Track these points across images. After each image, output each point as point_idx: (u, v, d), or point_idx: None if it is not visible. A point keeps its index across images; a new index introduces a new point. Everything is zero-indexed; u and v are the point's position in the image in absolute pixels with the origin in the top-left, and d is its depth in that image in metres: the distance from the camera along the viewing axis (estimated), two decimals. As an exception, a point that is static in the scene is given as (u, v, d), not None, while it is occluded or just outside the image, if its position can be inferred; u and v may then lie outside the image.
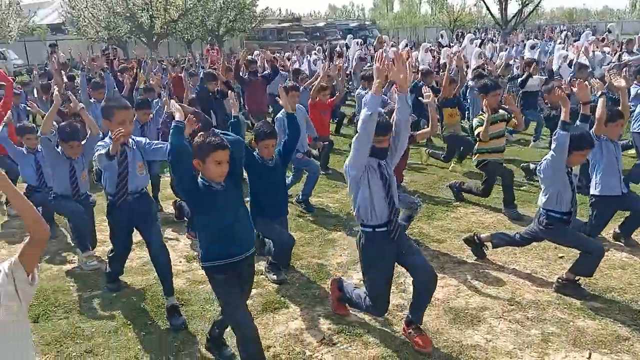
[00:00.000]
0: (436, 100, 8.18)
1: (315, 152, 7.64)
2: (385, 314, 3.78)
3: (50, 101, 6.72)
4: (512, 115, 6.18)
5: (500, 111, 6.18)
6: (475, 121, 6.18)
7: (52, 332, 3.87)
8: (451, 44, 20.54)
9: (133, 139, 4.08)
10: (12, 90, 7.60)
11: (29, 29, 30.35)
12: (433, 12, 58.89)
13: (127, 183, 4.00)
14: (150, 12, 25.70)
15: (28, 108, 9.02)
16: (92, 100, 7.57)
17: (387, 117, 3.53)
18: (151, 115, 6.54)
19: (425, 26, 47.90)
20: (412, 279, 3.59)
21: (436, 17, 51.54)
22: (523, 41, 19.93)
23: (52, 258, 5.20)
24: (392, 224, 3.49)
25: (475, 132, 6.07)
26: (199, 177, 3.15)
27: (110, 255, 4.37)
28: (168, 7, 25.88)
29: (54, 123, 5.41)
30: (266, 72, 9.86)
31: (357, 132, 3.32)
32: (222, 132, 3.34)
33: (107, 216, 4.17)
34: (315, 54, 17.20)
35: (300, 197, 6.43)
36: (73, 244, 5.41)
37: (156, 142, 4.23)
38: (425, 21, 53.60)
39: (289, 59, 14.88)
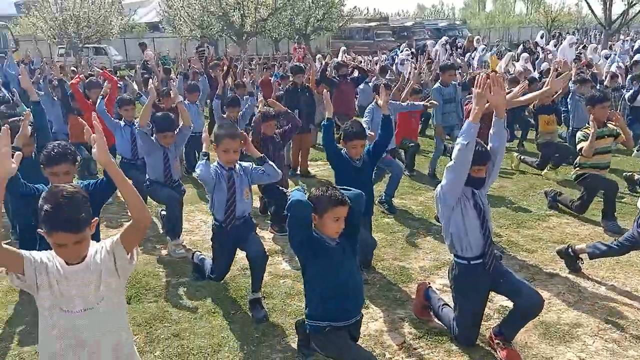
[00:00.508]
0: (532, 107, 7.82)
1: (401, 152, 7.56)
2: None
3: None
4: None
5: (609, 125, 5.69)
6: (579, 134, 5.73)
7: (143, 314, 4.05)
8: (547, 45, 19.64)
9: (240, 165, 4.08)
10: (117, 86, 8.10)
11: (129, 27, 32.16)
12: (529, 11, 56.39)
13: (235, 209, 4.00)
14: (242, 11, 26.46)
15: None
16: (186, 101, 7.92)
17: (485, 146, 3.34)
18: (240, 112, 6.74)
19: (520, 26, 45.84)
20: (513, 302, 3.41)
21: (532, 16, 49.25)
22: (632, 39, 18.67)
23: (144, 244, 5.45)
24: (488, 255, 3.33)
25: (578, 147, 5.66)
26: (313, 231, 3.03)
27: (213, 276, 4.35)
28: (259, 6, 26.54)
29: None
30: (354, 75, 9.86)
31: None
32: (343, 187, 3.14)
33: (213, 238, 4.19)
34: (401, 53, 17.08)
35: (383, 197, 6.36)
36: (162, 231, 5.67)
37: (262, 168, 4.15)
38: (520, 21, 51.27)
39: (376, 63, 14.81)
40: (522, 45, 19.16)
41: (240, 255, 4.35)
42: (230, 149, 3.94)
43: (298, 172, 7.98)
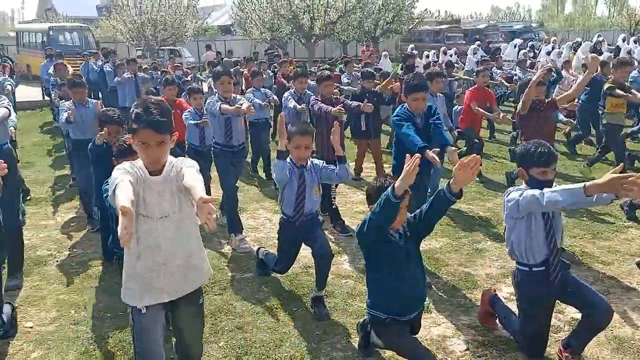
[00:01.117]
0: (606, 89, 7.35)
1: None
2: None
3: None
4: None
5: None
6: None
7: (209, 306, 4.16)
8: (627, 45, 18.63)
9: (311, 162, 4.07)
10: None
11: (202, 30, 33.17)
12: (611, 13, 53.51)
13: (304, 206, 4.01)
14: (312, 14, 26.67)
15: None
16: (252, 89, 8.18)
17: (550, 147, 3.18)
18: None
19: (601, 29, 43.55)
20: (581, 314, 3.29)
21: (614, 19, 46.68)
22: None
23: (211, 239, 5.61)
24: (552, 264, 3.19)
25: None
26: None
27: (277, 269, 4.42)
28: (328, 9, 26.64)
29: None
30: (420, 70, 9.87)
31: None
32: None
33: (280, 231, 4.22)
34: (475, 51, 17.08)
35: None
36: (222, 224, 5.81)
37: (332, 167, 4.11)
38: (602, 24, 48.60)
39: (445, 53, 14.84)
40: (592, 45, 17.87)
41: (303, 253, 4.40)
42: (301, 145, 3.91)
43: (361, 177, 7.93)
